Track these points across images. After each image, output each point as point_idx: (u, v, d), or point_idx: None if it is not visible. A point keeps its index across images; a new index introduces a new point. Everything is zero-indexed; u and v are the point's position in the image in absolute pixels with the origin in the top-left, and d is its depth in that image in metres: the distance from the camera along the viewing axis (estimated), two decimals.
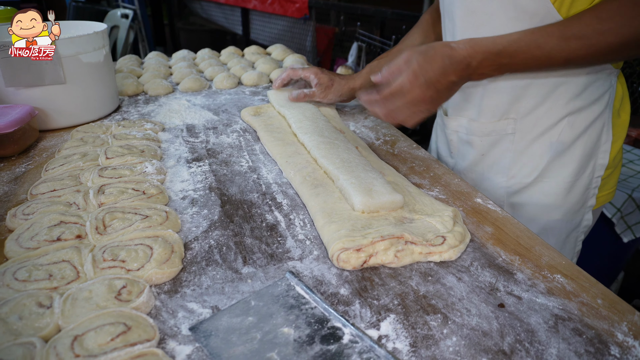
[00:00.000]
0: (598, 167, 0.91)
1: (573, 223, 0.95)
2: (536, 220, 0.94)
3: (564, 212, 0.93)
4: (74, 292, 0.53)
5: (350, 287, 0.57)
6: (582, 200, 0.93)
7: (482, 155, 0.97)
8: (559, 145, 0.88)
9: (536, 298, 0.56)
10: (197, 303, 0.54)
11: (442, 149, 1.10)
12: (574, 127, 0.87)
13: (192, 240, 0.66)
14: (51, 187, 0.76)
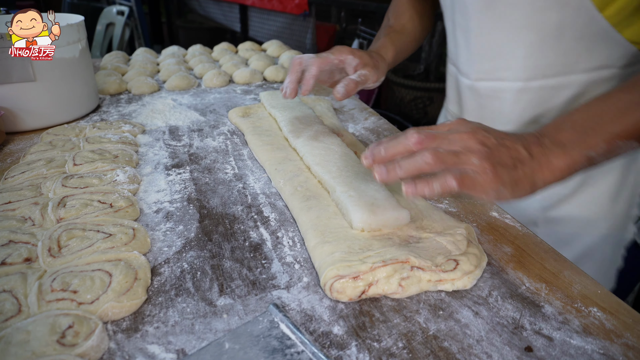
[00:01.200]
0: None
1: (618, 237, 0.84)
2: (578, 238, 0.82)
3: (611, 224, 0.82)
4: (9, 333, 0.43)
5: (345, 324, 0.47)
6: (625, 210, 0.82)
7: None
8: None
9: (570, 339, 0.46)
10: (159, 345, 0.44)
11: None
12: None
13: (162, 264, 0.56)
14: (6, 198, 0.66)
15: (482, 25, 0.77)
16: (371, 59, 0.79)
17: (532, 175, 0.52)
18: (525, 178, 0.51)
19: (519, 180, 0.51)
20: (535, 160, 0.52)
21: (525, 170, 0.51)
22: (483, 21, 0.76)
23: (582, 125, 0.54)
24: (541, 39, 0.71)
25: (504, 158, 0.51)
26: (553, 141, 0.53)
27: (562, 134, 0.54)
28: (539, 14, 0.69)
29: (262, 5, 3.49)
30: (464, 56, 0.84)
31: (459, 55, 0.86)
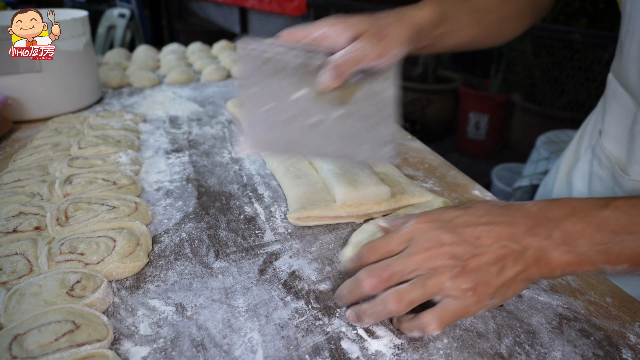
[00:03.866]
0: None
1: None
2: None
3: None
4: (22, 287, 0.47)
5: (331, 283, 0.51)
6: None
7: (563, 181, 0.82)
8: None
9: (538, 296, 0.50)
10: (160, 300, 0.48)
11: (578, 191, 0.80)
12: None
13: (162, 233, 0.60)
14: (16, 177, 0.70)
15: None
16: (370, 26, 0.54)
17: (527, 271, 0.41)
18: (517, 277, 0.41)
19: (510, 283, 0.40)
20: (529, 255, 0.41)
21: (517, 269, 0.40)
22: None
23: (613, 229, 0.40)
24: None
25: (483, 266, 0.40)
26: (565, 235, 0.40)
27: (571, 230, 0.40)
28: None
29: (261, 8, 3.55)
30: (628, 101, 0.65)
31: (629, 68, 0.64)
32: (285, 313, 0.47)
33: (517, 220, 0.42)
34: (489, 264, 0.40)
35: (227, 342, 0.43)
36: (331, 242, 0.59)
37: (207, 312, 0.47)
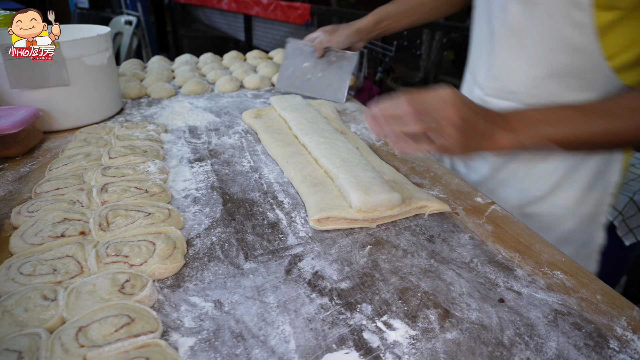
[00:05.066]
0: (610, 184, 0.91)
1: (585, 236, 0.94)
2: (550, 230, 0.93)
3: (575, 224, 0.93)
4: (78, 285, 0.53)
5: (351, 282, 0.57)
6: (592, 215, 0.93)
7: (496, 170, 0.98)
8: (573, 161, 0.89)
9: (536, 293, 0.56)
10: (199, 297, 0.54)
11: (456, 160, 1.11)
12: None
13: (195, 237, 0.66)
14: (55, 185, 0.77)
15: (504, 51, 0.87)
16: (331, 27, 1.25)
17: (481, 143, 0.63)
18: (477, 144, 0.63)
19: (474, 146, 0.63)
20: (488, 133, 0.63)
21: (483, 144, 0.63)
22: (505, 48, 0.87)
23: (531, 122, 0.64)
24: (549, 74, 0.81)
25: (473, 132, 0.62)
26: (508, 124, 0.64)
27: (516, 122, 0.64)
28: (552, 54, 0.79)
29: (265, 15, 3.62)
30: (483, 71, 0.95)
31: (478, 68, 0.97)
32: (312, 308, 0.53)
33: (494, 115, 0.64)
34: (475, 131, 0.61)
35: (262, 333, 0.49)
36: (348, 245, 0.65)
37: (243, 308, 0.53)
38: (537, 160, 0.91)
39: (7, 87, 1.00)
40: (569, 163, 0.89)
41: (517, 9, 0.81)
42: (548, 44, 0.80)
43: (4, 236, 0.67)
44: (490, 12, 0.90)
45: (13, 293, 0.52)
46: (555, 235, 0.93)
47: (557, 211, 0.93)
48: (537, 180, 0.92)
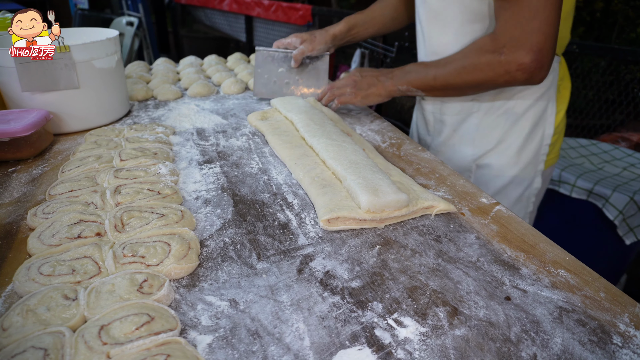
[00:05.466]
0: (546, 135, 1.12)
1: (526, 182, 1.15)
2: (498, 178, 1.15)
3: (518, 170, 1.13)
4: (98, 285, 0.55)
5: (361, 281, 0.59)
6: (533, 163, 1.13)
7: (454, 131, 1.18)
8: (512, 115, 1.09)
9: (541, 291, 0.58)
10: (215, 296, 0.56)
11: (421, 129, 1.31)
12: (525, 100, 1.07)
13: (207, 238, 0.68)
14: (68, 187, 0.78)
15: (430, 31, 1.09)
16: (309, 36, 1.29)
17: (376, 92, 1.10)
18: (373, 93, 1.10)
19: (370, 95, 1.11)
20: (379, 85, 1.09)
21: (372, 90, 1.10)
22: (431, 29, 1.09)
23: (405, 73, 1.06)
24: (471, 41, 1.01)
25: (363, 85, 1.11)
26: (392, 76, 1.07)
27: (396, 73, 1.07)
28: (468, 24, 1.00)
29: (267, 16, 3.64)
30: (422, 52, 1.17)
31: (420, 49, 1.19)
32: (325, 307, 0.54)
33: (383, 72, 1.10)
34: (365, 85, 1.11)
35: (277, 331, 0.51)
36: (358, 245, 0.66)
37: (258, 306, 0.54)
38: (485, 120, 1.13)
39: (19, 90, 1.02)
40: (510, 120, 1.09)
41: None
42: (464, 17, 1.00)
43: (20, 237, 0.69)
44: (417, 4, 1.13)
45: (35, 293, 0.53)
46: (503, 181, 1.15)
47: (503, 160, 1.13)
48: (485, 136, 1.13)
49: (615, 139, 2.03)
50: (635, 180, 1.63)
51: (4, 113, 0.99)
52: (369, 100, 1.12)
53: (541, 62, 0.87)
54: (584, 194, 1.56)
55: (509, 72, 0.90)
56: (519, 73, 0.89)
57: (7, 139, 0.91)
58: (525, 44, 0.86)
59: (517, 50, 0.87)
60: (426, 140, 1.28)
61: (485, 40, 0.92)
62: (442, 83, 0.99)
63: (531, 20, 0.84)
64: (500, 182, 1.15)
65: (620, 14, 3.74)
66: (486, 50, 0.91)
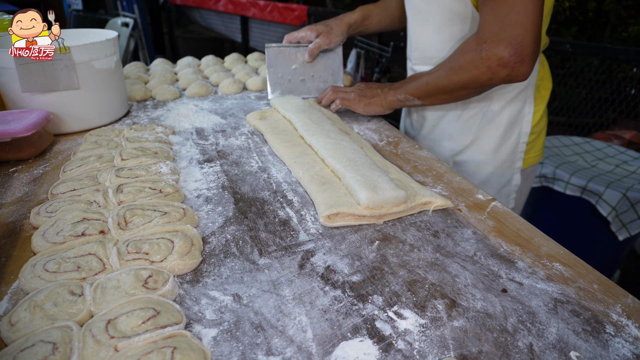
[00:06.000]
0: (523, 134, 1.14)
1: (504, 179, 1.18)
2: (475, 174, 1.19)
3: (495, 167, 1.16)
4: (103, 281, 0.56)
5: (362, 275, 0.60)
6: (510, 160, 1.16)
7: (434, 126, 1.22)
8: (489, 114, 1.12)
9: (536, 284, 0.59)
10: (218, 291, 0.57)
11: (407, 124, 1.36)
12: (501, 99, 1.10)
13: (209, 235, 0.69)
14: (71, 187, 0.79)
15: (415, 27, 1.13)
16: (325, 27, 1.24)
17: (378, 102, 1.12)
18: (375, 103, 1.12)
19: (372, 104, 1.13)
20: (382, 95, 1.12)
21: (375, 100, 1.12)
22: (415, 25, 1.13)
23: (404, 83, 1.08)
24: (450, 39, 1.06)
25: (367, 94, 1.13)
26: (393, 87, 1.10)
27: (396, 85, 1.10)
28: (448, 23, 1.04)
29: (262, 17, 3.65)
30: (409, 47, 1.21)
31: (407, 45, 1.23)
32: (326, 300, 0.56)
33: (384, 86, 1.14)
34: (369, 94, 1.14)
35: (280, 324, 0.52)
36: (357, 241, 0.68)
37: (260, 301, 0.55)
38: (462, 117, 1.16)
39: (19, 91, 1.02)
40: (486, 118, 1.12)
41: None
42: (444, 17, 1.04)
43: (24, 236, 0.69)
44: (405, 2, 1.15)
45: (41, 289, 0.54)
46: (480, 178, 1.18)
47: (479, 157, 1.16)
48: (462, 133, 1.16)
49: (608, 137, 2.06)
50: (627, 177, 1.65)
51: (5, 114, 1.00)
52: (370, 109, 1.13)
53: (521, 56, 0.85)
54: (578, 190, 1.58)
55: (490, 68, 0.89)
56: (499, 68, 0.88)
57: (9, 140, 0.91)
58: (505, 38, 0.85)
59: (496, 45, 0.86)
60: (410, 133, 1.32)
61: (469, 40, 0.93)
62: (433, 87, 1.00)
63: (509, 13, 0.83)
64: (477, 179, 1.18)
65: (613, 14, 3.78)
66: (469, 48, 0.92)
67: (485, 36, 0.88)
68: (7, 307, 0.55)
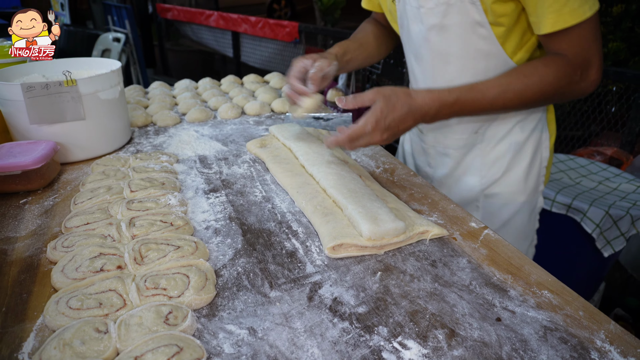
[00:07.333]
0: (544, 159, 1.18)
1: (532, 203, 1.21)
2: (507, 205, 1.18)
3: (526, 196, 1.18)
4: (126, 318, 0.60)
5: (367, 306, 0.65)
6: (536, 185, 1.19)
7: (458, 163, 1.20)
8: (516, 145, 1.14)
9: (527, 312, 0.64)
10: (234, 325, 0.61)
11: (419, 160, 1.32)
12: (524, 130, 1.13)
13: (221, 268, 0.73)
14: (84, 220, 0.82)
15: (435, 69, 1.10)
16: (319, 56, 1.11)
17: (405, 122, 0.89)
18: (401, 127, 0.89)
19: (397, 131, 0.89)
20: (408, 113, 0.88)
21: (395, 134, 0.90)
22: (435, 66, 1.10)
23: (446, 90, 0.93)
24: (473, 76, 1.04)
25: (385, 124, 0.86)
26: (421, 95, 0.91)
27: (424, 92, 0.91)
28: (472, 61, 1.04)
29: (254, 33, 3.70)
30: (422, 85, 1.17)
31: (418, 84, 1.19)
32: (335, 332, 0.60)
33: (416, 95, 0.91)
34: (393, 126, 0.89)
35: (294, 356, 0.56)
36: (361, 272, 0.72)
37: (274, 334, 0.60)
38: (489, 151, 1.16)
39: (26, 122, 1.05)
40: (512, 149, 1.14)
41: (436, 37, 1.04)
42: (466, 55, 1.03)
43: (42, 270, 0.73)
44: (413, 43, 1.12)
45: (68, 326, 0.58)
46: (514, 207, 1.18)
47: (511, 187, 1.17)
48: (492, 166, 1.16)
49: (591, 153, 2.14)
50: (609, 194, 1.73)
51: (13, 145, 1.03)
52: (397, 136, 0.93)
53: (601, 77, 0.94)
54: (563, 208, 1.65)
55: (583, 90, 0.94)
56: (589, 89, 0.95)
57: (19, 172, 0.94)
58: (594, 63, 0.92)
59: (589, 69, 0.92)
60: (427, 172, 1.29)
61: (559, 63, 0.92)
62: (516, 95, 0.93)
63: (594, 41, 0.91)
64: (511, 209, 1.18)
65: None
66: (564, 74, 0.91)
67: (578, 62, 0.91)
68: (34, 345, 0.58)
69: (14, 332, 0.60)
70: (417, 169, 1.33)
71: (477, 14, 0.96)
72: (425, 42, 1.07)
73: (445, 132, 1.18)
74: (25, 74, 1.17)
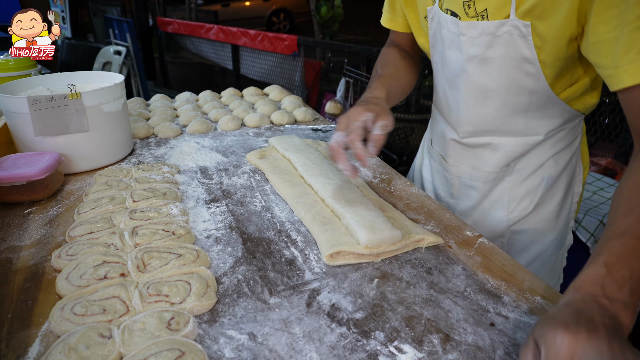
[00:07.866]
0: (575, 194, 1.11)
1: (562, 241, 1.13)
2: (535, 243, 1.09)
3: (556, 233, 1.10)
4: (129, 323, 0.61)
5: (364, 312, 0.66)
6: (567, 221, 1.12)
7: (484, 196, 1.11)
8: (549, 180, 1.06)
9: (520, 317, 0.66)
10: (234, 330, 0.63)
11: (441, 190, 1.22)
12: (558, 163, 1.05)
13: (222, 275, 0.75)
14: (87, 229, 0.84)
15: (471, 102, 1.00)
16: (378, 107, 0.89)
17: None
18: None
19: None
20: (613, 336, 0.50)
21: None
22: (472, 100, 1.00)
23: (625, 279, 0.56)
24: (513, 112, 0.97)
25: None
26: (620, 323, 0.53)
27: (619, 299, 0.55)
28: (513, 97, 0.95)
29: (253, 46, 3.76)
30: (454, 117, 1.07)
31: (450, 117, 1.09)
32: (333, 337, 0.62)
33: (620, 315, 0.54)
34: None
35: None
36: (358, 279, 0.74)
37: (274, 339, 0.61)
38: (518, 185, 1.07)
39: (31, 134, 1.08)
40: (544, 184, 1.05)
41: (476, 69, 0.95)
42: (508, 91, 0.94)
43: (47, 278, 0.74)
44: (448, 70, 1.02)
45: (73, 332, 0.59)
46: (540, 247, 1.10)
47: (541, 225, 1.08)
48: (521, 201, 1.07)
49: None
50: (603, 203, 1.76)
51: (17, 157, 1.05)
52: None
53: None
54: None
55: None
56: None
57: (24, 183, 0.96)
58: None
59: None
60: (449, 202, 1.19)
61: None
62: None
63: None
64: (538, 247, 1.09)
65: None
66: None
67: None
68: (39, 350, 0.60)
69: (20, 337, 0.62)
70: (437, 198, 1.23)
71: (527, 50, 0.86)
72: (462, 72, 0.97)
73: (472, 163, 1.09)
74: (30, 87, 1.20)
